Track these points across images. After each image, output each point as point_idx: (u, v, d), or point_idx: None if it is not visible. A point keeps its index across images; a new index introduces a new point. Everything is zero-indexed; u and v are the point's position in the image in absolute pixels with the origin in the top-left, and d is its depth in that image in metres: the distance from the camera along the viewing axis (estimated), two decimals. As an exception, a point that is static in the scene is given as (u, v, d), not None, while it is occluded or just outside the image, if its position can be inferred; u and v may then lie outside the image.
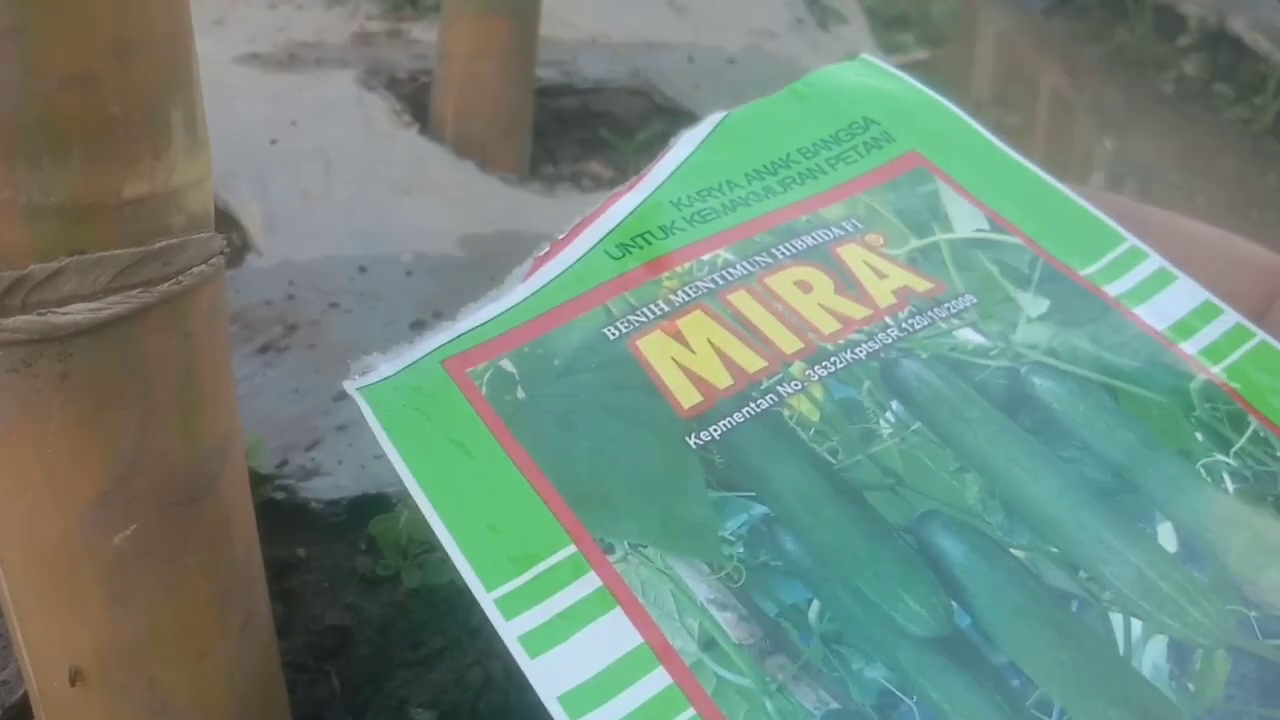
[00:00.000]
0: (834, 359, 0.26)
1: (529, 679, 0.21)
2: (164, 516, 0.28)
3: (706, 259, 0.28)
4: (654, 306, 0.27)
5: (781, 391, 0.25)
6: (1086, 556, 0.22)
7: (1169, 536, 0.23)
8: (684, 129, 0.32)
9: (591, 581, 0.22)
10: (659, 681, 0.21)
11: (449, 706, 0.44)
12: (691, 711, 0.20)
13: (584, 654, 0.21)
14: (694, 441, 0.24)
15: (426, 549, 0.49)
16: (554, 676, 0.21)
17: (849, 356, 0.26)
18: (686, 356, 0.26)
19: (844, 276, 0.28)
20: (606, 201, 0.30)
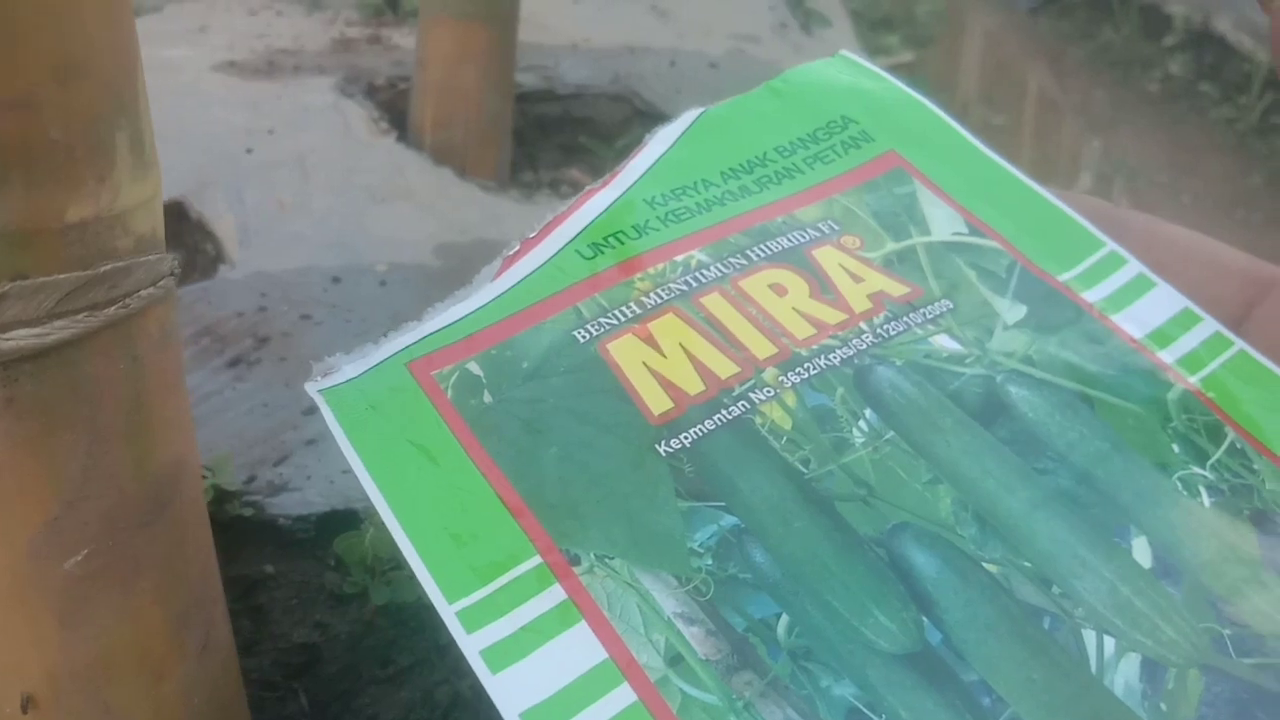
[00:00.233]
0: (807, 365, 0.25)
1: (490, 695, 0.20)
2: (116, 540, 0.27)
3: (680, 260, 0.28)
4: (625, 309, 0.27)
5: (754, 398, 0.25)
6: (1060, 571, 0.22)
7: (1144, 551, 0.22)
8: (660, 126, 0.32)
9: (556, 594, 0.22)
10: (623, 698, 0.20)
11: (417, 725, 0.44)
12: None
13: (547, 670, 0.20)
14: (664, 449, 0.24)
15: (394, 566, 0.48)
16: (516, 693, 0.20)
17: (822, 363, 0.26)
18: (658, 361, 0.26)
19: (819, 280, 0.27)
20: (579, 199, 0.29)
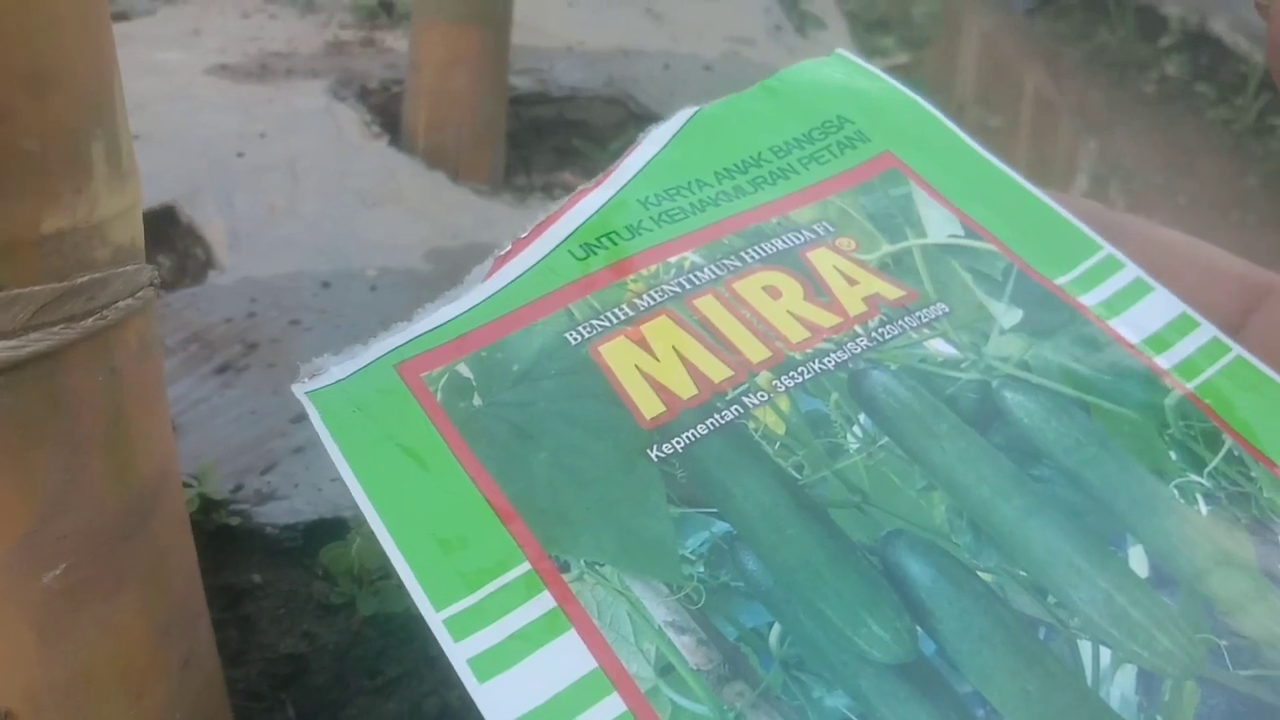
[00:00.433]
0: (801, 369, 0.25)
1: (477, 705, 0.20)
2: (95, 555, 0.27)
3: (673, 261, 0.27)
4: (618, 311, 0.26)
5: (747, 403, 0.24)
6: (1055, 581, 0.22)
7: (1140, 560, 0.22)
8: (654, 125, 0.31)
9: (545, 602, 0.21)
10: (613, 708, 0.20)
11: (406, 736, 0.44)
12: None
13: (535, 679, 0.20)
14: (655, 454, 0.24)
15: (382, 575, 0.48)
16: (504, 703, 0.20)
17: (817, 367, 0.25)
18: (650, 364, 0.25)
19: (814, 282, 0.27)
20: (571, 199, 0.29)
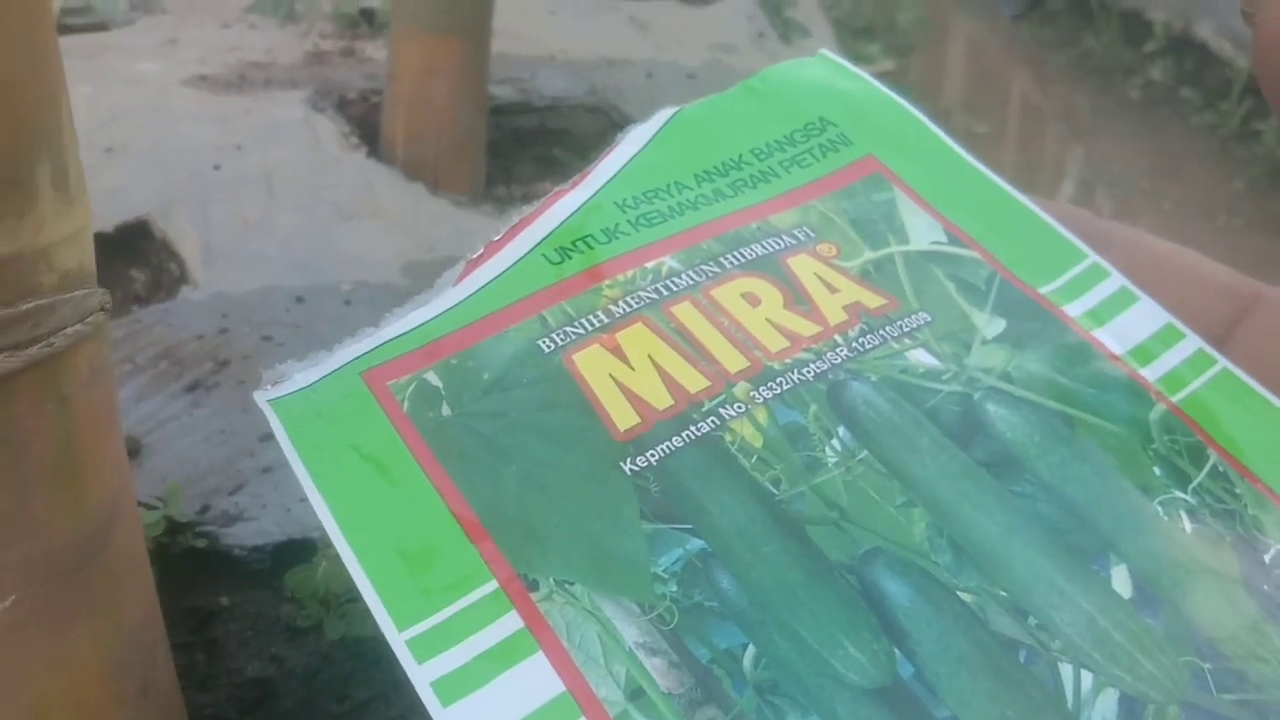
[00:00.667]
0: (780, 380, 0.25)
1: None
2: (45, 587, 0.26)
3: (650, 267, 0.27)
4: (593, 318, 0.26)
5: (724, 414, 0.24)
6: (1036, 602, 0.21)
7: (1123, 580, 0.22)
8: (632, 125, 0.31)
9: (512, 622, 0.21)
10: None
11: (373, 762, 0.43)
12: None
13: (501, 703, 0.19)
14: (629, 468, 0.23)
15: (350, 599, 0.47)
16: None
17: (795, 377, 0.25)
18: (625, 373, 0.25)
19: (794, 289, 0.27)
20: (547, 200, 0.28)
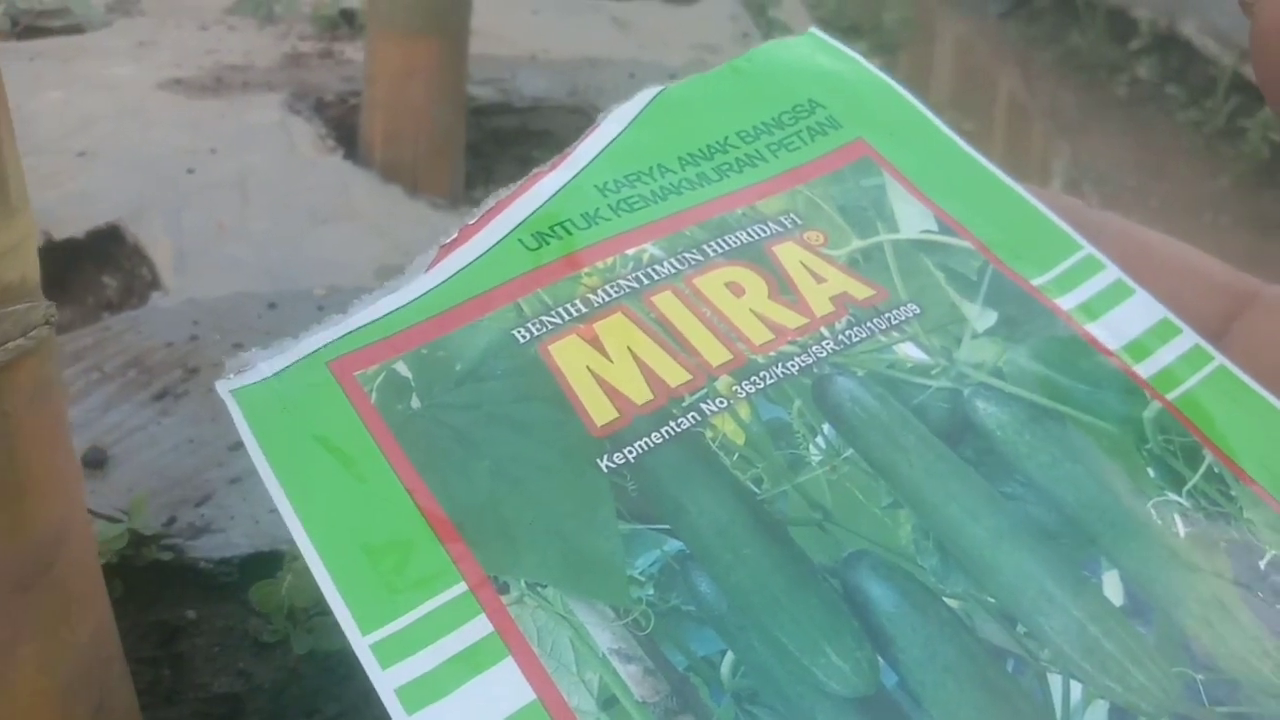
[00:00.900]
0: (764, 373, 0.24)
1: None
2: None
3: (631, 254, 0.26)
4: (570, 307, 0.25)
5: (705, 410, 0.23)
6: (1025, 608, 0.20)
7: (1115, 587, 0.21)
8: (614, 105, 0.30)
9: (481, 626, 0.20)
10: None
11: (343, 777, 0.43)
12: None
13: (468, 711, 0.19)
14: (606, 465, 0.22)
15: (318, 612, 0.47)
16: None
17: (780, 371, 0.24)
18: (603, 366, 0.24)
19: (779, 279, 0.26)
20: (524, 183, 0.27)
